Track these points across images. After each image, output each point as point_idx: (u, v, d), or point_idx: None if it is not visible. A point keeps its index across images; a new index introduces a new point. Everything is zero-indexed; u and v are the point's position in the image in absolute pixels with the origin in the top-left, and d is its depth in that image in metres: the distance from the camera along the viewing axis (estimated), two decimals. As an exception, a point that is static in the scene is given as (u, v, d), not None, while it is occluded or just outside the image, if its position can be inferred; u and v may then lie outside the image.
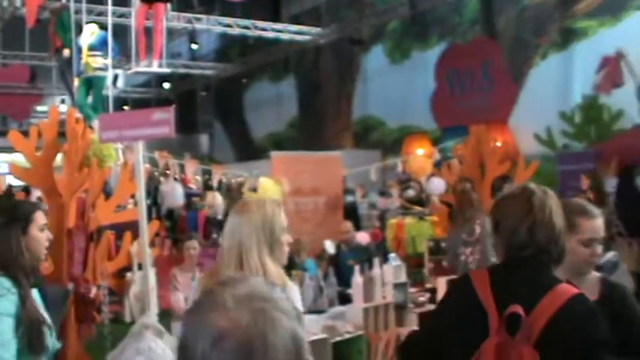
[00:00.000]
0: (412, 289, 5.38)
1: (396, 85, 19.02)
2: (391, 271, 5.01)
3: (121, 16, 16.07)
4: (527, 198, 2.04)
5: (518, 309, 1.85)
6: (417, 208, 12.26)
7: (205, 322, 1.06)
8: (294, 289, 2.66)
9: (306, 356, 1.08)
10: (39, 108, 24.18)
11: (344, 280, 5.42)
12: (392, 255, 5.63)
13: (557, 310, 1.88)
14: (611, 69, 14.44)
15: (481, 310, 1.93)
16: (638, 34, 13.81)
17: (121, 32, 16.02)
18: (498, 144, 12.97)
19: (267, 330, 1.04)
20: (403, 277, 5.08)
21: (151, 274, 4.33)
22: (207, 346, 1.04)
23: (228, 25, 18.78)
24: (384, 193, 14.70)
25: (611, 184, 9.88)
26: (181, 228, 11.06)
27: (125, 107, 22.37)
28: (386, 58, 20.08)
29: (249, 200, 2.81)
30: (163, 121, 4.09)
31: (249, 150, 24.23)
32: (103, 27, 12.09)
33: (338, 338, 4.12)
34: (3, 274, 2.58)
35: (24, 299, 2.56)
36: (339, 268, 6.01)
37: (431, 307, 5.27)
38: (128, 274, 6.88)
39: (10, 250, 2.61)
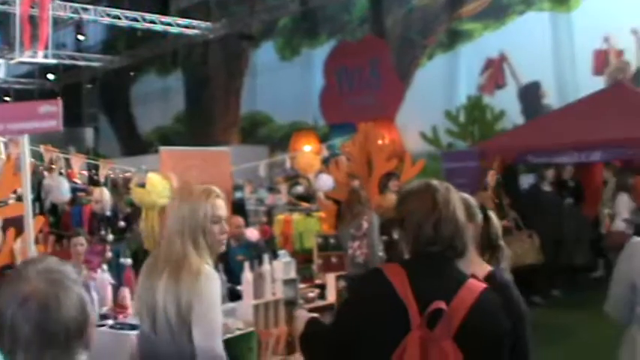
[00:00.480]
0: (302, 285, 5.34)
1: (285, 81, 18.99)
2: (281, 267, 5.00)
3: (4, 3, 15.07)
4: (431, 195, 2.09)
5: (442, 305, 1.90)
6: (305, 205, 12.18)
7: (13, 291, 1.41)
8: (209, 278, 2.72)
9: (89, 311, 1.46)
10: None
11: (234, 275, 5.28)
12: (282, 251, 5.61)
13: (472, 305, 1.94)
14: (494, 71, 15.01)
15: (399, 304, 1.94)
16: (520, 37, 14.39)
17: (4, 20, 15.00)
18: (385, 141, 13.14)
19: (60, 293, 1.42)
20: (293, 274, 5.07)
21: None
22: (15, 308, 1.39)
23: (116, 17, 18.10)
24: (272, 189, 14.54)
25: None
26: (65, 224, 10.50)
27: (7, 98, 21.32)
28: (276, 54, 20.03)
29: (187, 189, 2.91)
30: (51, 114, 3.97)
31: (135, 144, 23.62)
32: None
33: (228, 335, 4.02)
34: None
35: None
36: (229, 264, 5.86)
37: (321, 302, 5.27)
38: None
39: None
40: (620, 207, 8.35)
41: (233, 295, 5.13)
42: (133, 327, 4.43)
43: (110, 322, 4.87)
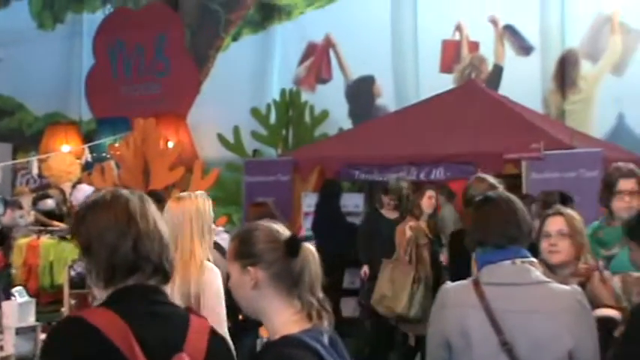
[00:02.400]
0: (44, 336, 5.01)
1: (42, 57, 18.11)
2: (13, 310, 4.90)
3: None
4: (122, 206, 2.19)
5: (185, 357, 2.07)
6: (57, 225, 11.45)
7: None
8: (212, 272, 4.10)
9: None
10: None
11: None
12: (17, 289, 5.45)
13: (207, 352, 2.16)
14: (317, 59, 15.13)
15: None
16: (352, 19, 14.65)
17: None
18: (170, 144, 13.03)
19: None
20: (32, 320, 5.00)
21: None
22: None
23: None
24: (8, 203, 13.25)
25: (308, 201, 10.07)
26: None
27: None
28: (31, 20, 19.08)
29: (184, 194, 4.37)
30: None
31: None
32: None
33: None
34: None
35: None
36: None
37: None
38: None
39: None
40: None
41: None
42: None
43: None
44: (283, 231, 2.42)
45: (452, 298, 3.05)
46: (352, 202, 10.78)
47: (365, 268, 8.68)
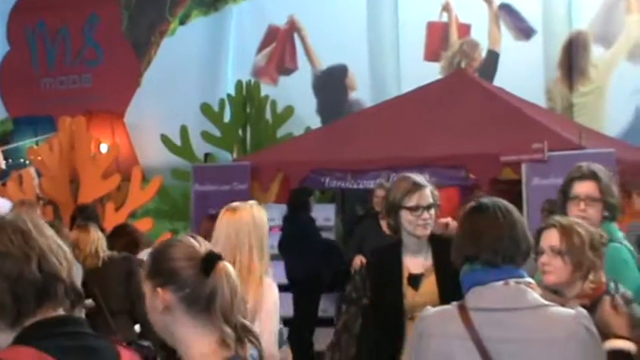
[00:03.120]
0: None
1: None
2: None
3: None
4: (19, 224, 2.25)
5: None
6: None
7: None
8: (270, 286, 4.54)
9: None
10: None
11: None
12: None
13: None
14: (280, 46, 15.12)
15: None
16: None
17: None
18: (104, 148, 12.98)
19: None
20: None
21: None
22: None
23: None
24: None
25: (270, 215, 9.99)
26: None
27: None
28: None
29: (238, 204, 4.68)
30: None
31: None
32: None
33: None
34: None
35: None
36: None
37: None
38: None
39: None
40: None
41: None
42: None
43: None
44: (205, 246, 2.45)
45: (434, 326, 3.03)
46: (322, 215, 10.78)
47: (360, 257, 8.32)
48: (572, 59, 12.94)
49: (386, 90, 13.22)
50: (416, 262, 4.61)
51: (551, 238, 3.63)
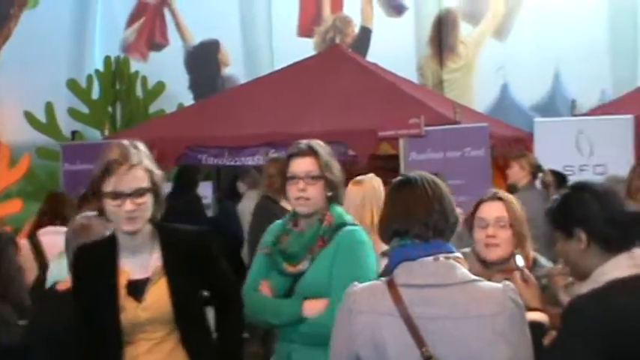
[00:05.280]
0: None
1: None
2: None
3: None
4: None
5: None
6: None
7: None
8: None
9: None
10: None
11: None
12: None
13: None
14: (149, 21, 15.03)
15: None
16: None
17: None
18: None
19: None
20: None
21: None
22: None
23: None
24: None
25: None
26: None
27: None
28: None
29: (363, 178, 5.20)
30: None
31: None
32: None
33: None
34: None
35: None
36: None
37: None
38: None
39: None
40: None
41: None
42: None
43: None
44: None
45: (362, 302, 2.96)
46: (203, 193, 10.67)
47: None
48: (442, 36, 13.17)
49: (259, 66, 13.31)
50: (138, 263, 3.51)
51: (497, 210, 3.65)
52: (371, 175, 5.20)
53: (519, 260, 3.40)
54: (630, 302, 2.90)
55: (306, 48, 12.99)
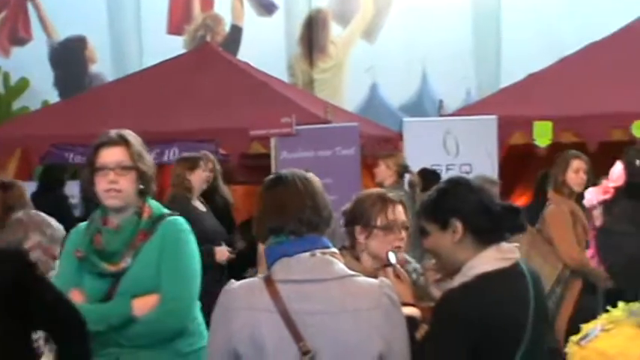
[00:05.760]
0: None
1: None
2: None
3: None
4: None
5: None
6: None
7: None
8: None
9: None
10: None
11: None
12: None
13: None
14: (12, 15, 14.77)
15: None
16: None
17: None
18: None
19: None
20: None
21: None
22: None
23: None
24: None
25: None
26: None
27: None
28: None
29: None
30: None
31: None
32: None
33: None
34: None
35: None
36: None
37: None
38: None
39: None
40: None
41: None
42: None
43: None
44: None
45: (239, 299, 2.96)
46: (71, 192, 10.42)
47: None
48: (313, 36, 13.26)
49: (128, 63, 13.17)
50: None
51: (402, 213, 3.71)
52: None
53: (392, 257, 3.46)
54: (495, 295, 3.01)
55: (176, 46, 12.93)
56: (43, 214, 4.29)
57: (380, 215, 3.67)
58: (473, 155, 9.03)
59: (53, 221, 4.20)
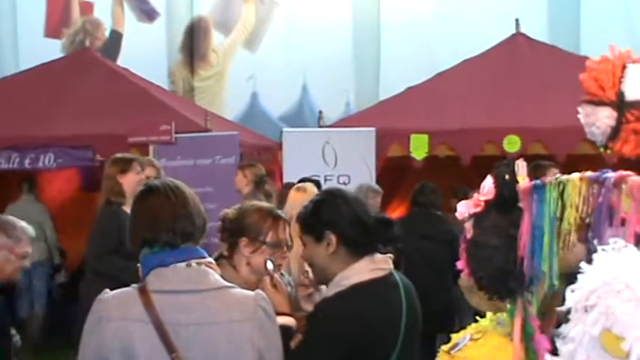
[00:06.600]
0: None
1: None
2: None
3: None
4: None
5: None
6: None
7: None
8: None
9: None
10: None
11: None
12: None
13: None
14: None
15: None
16: None
17: None
18: None
19: None
20: None
21: None
22: None
23: None
24: None
25: None
26: None
27: None
28: None
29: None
30: None
31: None
32: None
33: None
34: None
35: None
36: None
37: None
38: None
39: None
40: None
41: None
42: None
43: None
44: None
45: (112, 309, 2.90)
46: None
47: None
48: (194, 44, 13.21)
49: (3, 66, 12.84)
50: None
51: (288, 231, 3.66)
52: (311, 184, 5.64)
53: (270, 265, 3.46)
54: (369, 303, 3.09)
55: (54, 49, 12.75)
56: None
57: (271, 231, 3.57)
58: (351, 166, 9.11)
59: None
